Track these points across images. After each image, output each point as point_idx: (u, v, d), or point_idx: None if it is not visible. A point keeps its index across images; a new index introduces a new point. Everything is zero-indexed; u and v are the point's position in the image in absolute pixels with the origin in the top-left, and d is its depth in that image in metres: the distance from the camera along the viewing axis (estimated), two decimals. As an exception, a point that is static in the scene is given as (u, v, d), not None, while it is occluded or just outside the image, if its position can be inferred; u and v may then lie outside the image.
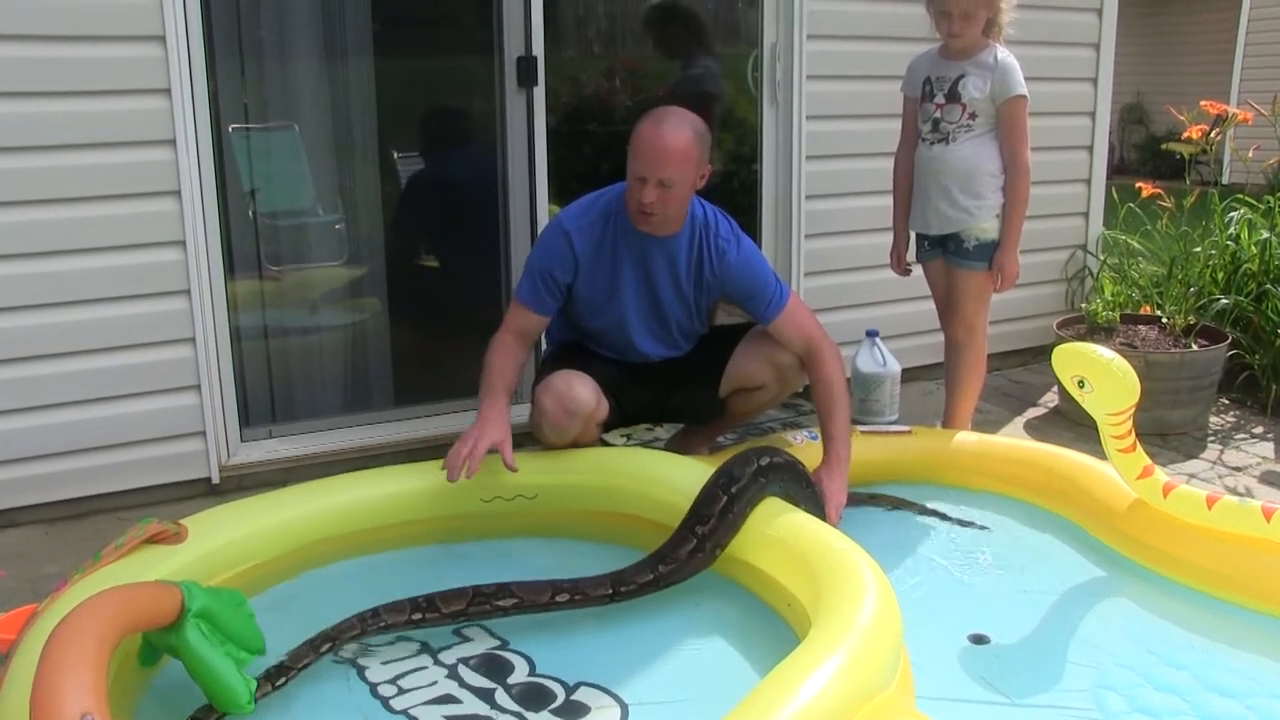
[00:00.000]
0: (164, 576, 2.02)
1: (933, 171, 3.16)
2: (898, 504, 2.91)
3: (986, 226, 3.14)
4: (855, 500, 2.78)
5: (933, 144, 3.15)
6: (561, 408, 2.70)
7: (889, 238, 3.42)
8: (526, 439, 2.84)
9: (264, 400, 3.49)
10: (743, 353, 2.99)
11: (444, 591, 2.21)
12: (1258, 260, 4.11)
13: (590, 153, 4.11)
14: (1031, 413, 3.97)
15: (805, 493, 2.54)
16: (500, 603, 2.22)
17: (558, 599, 2.24)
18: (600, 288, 2.86)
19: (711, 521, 2.33)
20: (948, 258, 3.24)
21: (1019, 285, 3.29)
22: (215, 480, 3.20)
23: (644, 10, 4.51)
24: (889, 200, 3.39)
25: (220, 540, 2.35)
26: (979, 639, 2.29)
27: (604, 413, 2.80)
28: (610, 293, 2.87)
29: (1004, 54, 3.08)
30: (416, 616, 2.15)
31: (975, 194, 3.11)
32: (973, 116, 3.08)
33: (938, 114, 3.13)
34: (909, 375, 3.89)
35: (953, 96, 3.10)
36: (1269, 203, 4.24)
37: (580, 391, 2.71)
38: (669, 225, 2.78)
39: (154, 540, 2.21)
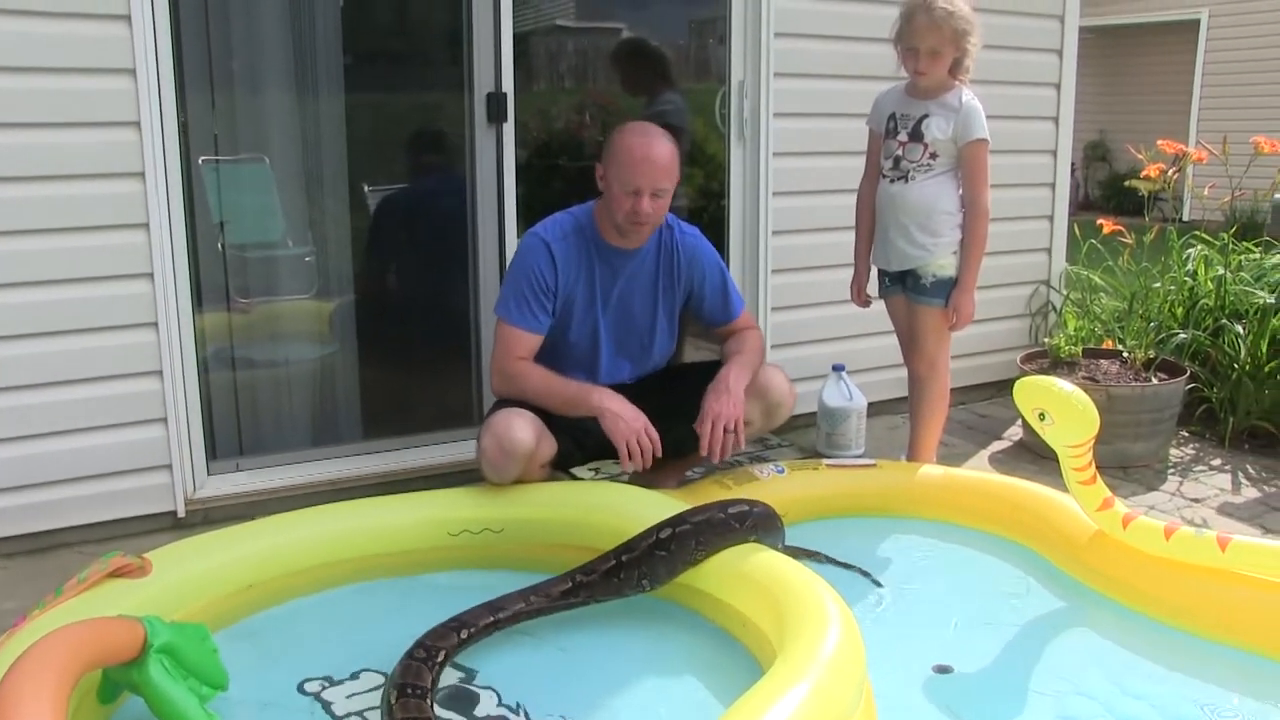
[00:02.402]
0: (127, 611, 2.00)
1: (892, 209, 3.22)
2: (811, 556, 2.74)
3: (944, 263, 3.19)
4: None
5: (893, 181, 3.20)
6: (498, 448, 2.69)
7: (854, 271, 3.47)
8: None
9: (231, 433, 3.47)
10: None
11: (401, 671, 2.10)
12: (1214, 296, 4.19)
13: (560, 187, 4.13)
14: (996, 446, 4.02)
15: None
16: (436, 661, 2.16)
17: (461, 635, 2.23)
18: (580, 297, 2.93)
19: (637, 552, 2.38)
20: (907, 294, 3.29)
21: (984, 320, 3.33)
22: (181, 514, 3.18)
23: (612, 46, 4.56)
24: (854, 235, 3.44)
25: (184, 574, 2.33)
26: (943, 669, 2.31)
27: (547, 453, 2.79)
28: (588, 304, 2.94)
29: (969, 96, 3.13)
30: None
31: (932, 231, 3.16)
32: (934, 156, 3.14)
33: (900, 151, 3.18)
34: (875, 409, 3.93)
35: (916, 135, 3.15)
36: (1224, 239, 4.32)
37: (518, 433, 2.69)
38: (651, 231, 2.93)
39: (118, 574, 2.20)
